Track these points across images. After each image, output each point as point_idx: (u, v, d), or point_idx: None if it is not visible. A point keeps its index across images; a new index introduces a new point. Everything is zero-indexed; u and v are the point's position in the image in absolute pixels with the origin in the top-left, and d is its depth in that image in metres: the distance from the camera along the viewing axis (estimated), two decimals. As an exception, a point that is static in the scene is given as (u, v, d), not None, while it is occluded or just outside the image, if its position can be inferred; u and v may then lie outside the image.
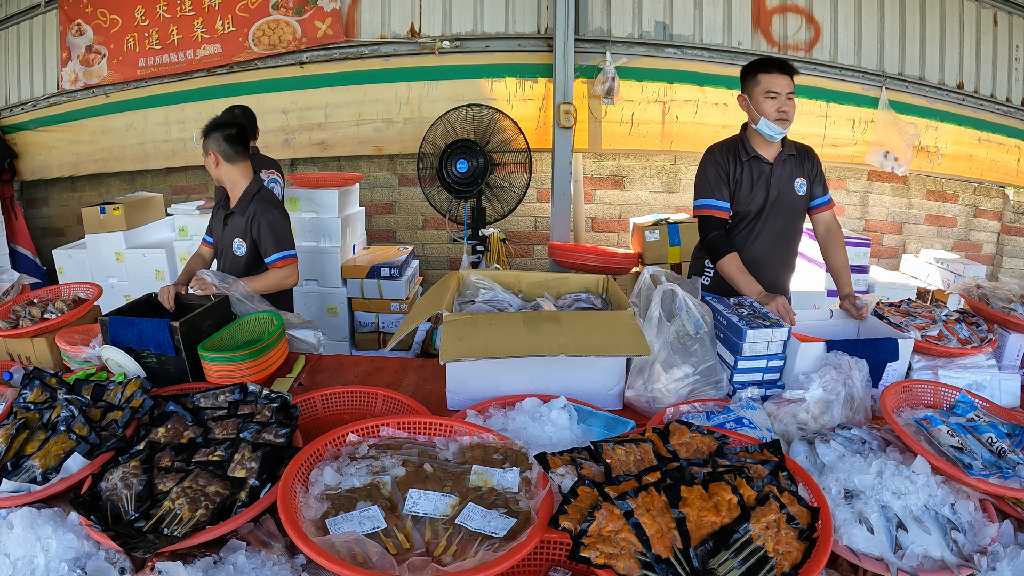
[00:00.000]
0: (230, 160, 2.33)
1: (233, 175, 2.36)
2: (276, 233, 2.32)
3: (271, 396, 1.51)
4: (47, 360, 2.00)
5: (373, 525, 1.06)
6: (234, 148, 2.32)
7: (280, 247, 2.33)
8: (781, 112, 2.11)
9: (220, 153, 2.31)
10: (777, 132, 2.13)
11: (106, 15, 4.52)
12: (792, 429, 1.51)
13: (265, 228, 2.31)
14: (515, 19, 4.22)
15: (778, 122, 2.12)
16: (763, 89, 2.11)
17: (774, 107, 2.10)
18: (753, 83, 2.15)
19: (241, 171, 2.36)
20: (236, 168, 2.35)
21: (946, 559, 1.08)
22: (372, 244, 4.44)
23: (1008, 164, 4.44)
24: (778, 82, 2.10)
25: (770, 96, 2.10)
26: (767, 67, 2.13)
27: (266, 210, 2.32)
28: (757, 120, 2.15)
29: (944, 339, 1.84)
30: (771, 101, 2.11)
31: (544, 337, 1.55)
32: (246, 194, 2.36)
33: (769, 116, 2.11)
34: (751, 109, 2.17)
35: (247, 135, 2.40)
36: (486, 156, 3.56)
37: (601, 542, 1.02)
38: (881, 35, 4.17)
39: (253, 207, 2.34)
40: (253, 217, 2.33)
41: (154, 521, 1.12)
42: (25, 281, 2.53)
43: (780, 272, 2.36)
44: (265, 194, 2.38)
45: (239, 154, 2.34)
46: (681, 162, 4.63)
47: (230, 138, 2.31)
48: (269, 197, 2.38)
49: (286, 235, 2.36)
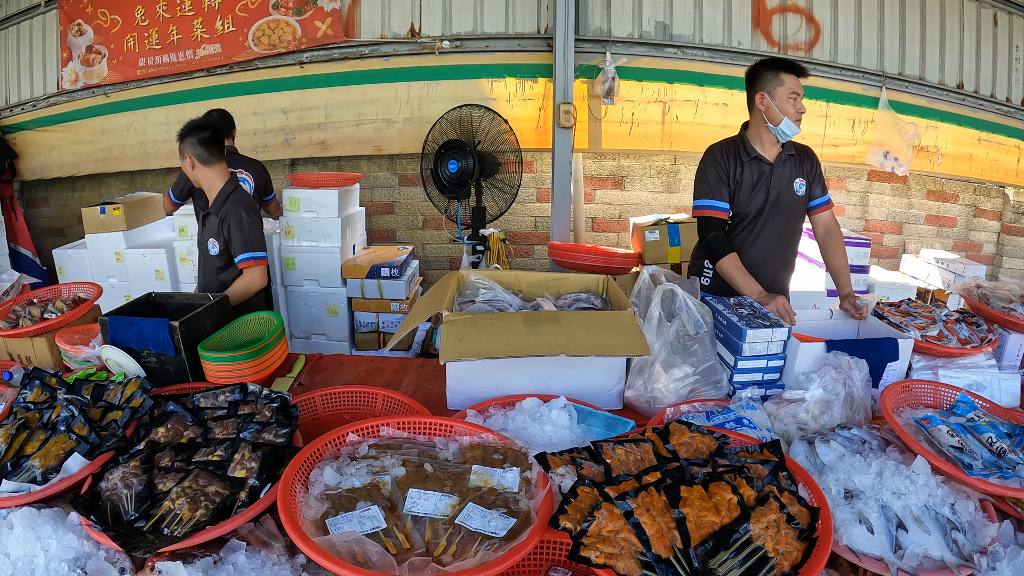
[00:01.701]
0: (205, 163, 2.37)
1: (210, 177, 2.39)
2: (244, 234, 2.34)
3: (271, 396, 1.51)
4: (47, 360, 2.00)
5: (373, 525, 1.06)
6: (209, 151, 2.36)
7: (249, 247, 2.35)
8: (800, 112, 2.15)
9: (195, 156, 2.35)
10: (789, 132, 2.16)
11: (106, 15, 4.52)
12: (792, 429, 1.51)
13: (235, 228, 2.34)
14: (515, 19, 4.22)
15: (797, 123, 2.16)
16: (788, 89, 2.13)
17: (796, 108, 2.14)
18: (776, 82, 2.15)
19: (217, 173, 2.39)
20: (212, 170, 2.38)
21: (946, 559, 1.08)
22: (372, 244, 4.43)
23: (1008, 164, 4.44)
24: (799, 84, 2.15)
25: (793, 96, 2.13)
26: (789, 68, 2.15)
27: (237, 211, 2.35)
28: (779, 120, 2.15)
29: (944, 339, 1.85)
30: (794, 101, 2.14)
31: (544, 337, 1.55)
32: (220, 195, 2.39)
33: (792, 116, 2.14)
34: (772, 108, 2.15)
35: (222, 138, 2.44)
36: (475, 156, 3.56)
37: (601, 542, 1.03)
38: (881, 35, 4.17)
39: (226, 208, 2.37)
40: (225, 218, 2.36)
41: (154, 521, 1.12)
42: (25, 281, 2.53)
43: (780, 272, 2.36)
44: (239, 195, 2.40)
45: (214, 156, 2.37)
46: (681, 162, 4.63)
47: (204, 141, 2.34)
48: (242, 199, 2.40)
49: (256, 237, 2.38)
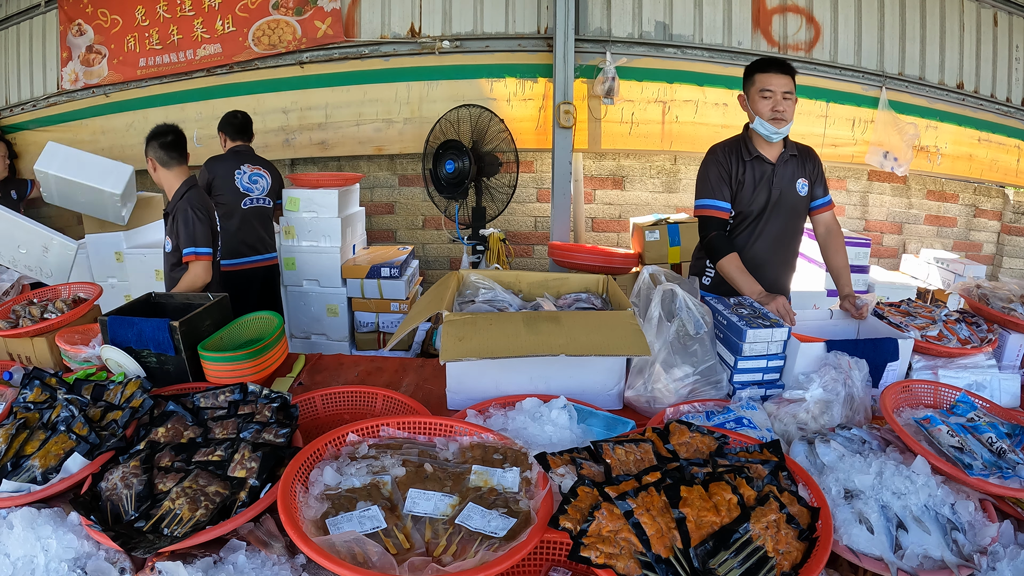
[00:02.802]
0: (165, 165, 2.52)
1: (169, 179, 2.55)
2: (188, 228, 2.46)
3: (271, 396, 1.51)
4: (47, 360, 2.00)
5: (373, 525, 1.06)
6: (169, 154, 2.51)
7: (191, 242, 2.46)
8: (776, 112, 2.11)
9: (156, 159, 2.52)
10: (772, 132, 2.13)
11: (107, 15, 4.52)
12: (792, 429, 1.51)
13: (180, 223, 2.47)
14: (515, 19, 4.22)
15: (773, 121, 2.12)
16: (758, 88, 2.12)
17: (768, 107, 2.11)
18: (750, 83, 2.16)
19: (176, 175, 2.55)
20: (171, 172, 2.54)
21: (946, 559, 1.08)
22: (372, 244, 4.43)
23: (1008, 164, 4.44)
24: (773, 81, 2.10)
25: (764, 95, 2.11)
26: (764, 67, 2.14)
27: (184, 208, 2.48)
28: (753, 119, 2.16)
29: (944, 339, 1.85)
30: (766, 100, 2.11)
31: (544, 337, 1.55)
32: (176, 195, 2.54)
33: (764, 115, 2.12)
34: (748, 109, 2.18)
35: (182, 142, 2.56)
36: (472, 156, 3.57)
37: (601, 542, 1.03)
38: (881, 35, 4.17)
39: (177, 206, 2.51)
40: (174, 215, 2.51)
41: (154, 521, 1.12)
42: (25, 281, 2.53)
43: (781, 272, 2.36)
44: (191, 194, 2.53)
45: (174, 159, 2.53)
46: (681, 162, 4.63)
47: (165, 145, 2.50)
48: (193, 197, 2.52)
49: (200, 232, 2.48)
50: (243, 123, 3.47)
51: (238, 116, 3.46)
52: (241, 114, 3.49)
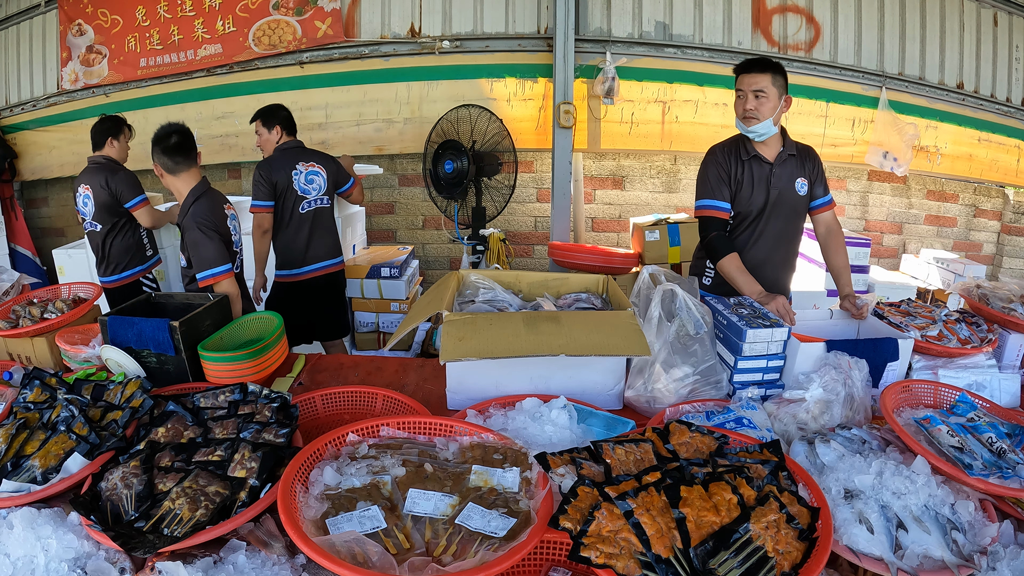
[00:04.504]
0: (171, 172, 2.29)
1: (176, 185, 2.32)
2: (197, 251, 2.27)
3: (271, 396, 1.51)
4: (47, 360, 2.00)
5: (373, 525, 1.06)
6: (173, 159, 2.27)
7: (203, 266, 2.25)
8: (745, 110, 2.15)
9: (161, 166, 2.28)
10: (745, 130, 2.18)
11: (107, 15, 4.53)
12: (792, 429, 1.51)
13: (191, 248, 2.29)
14: (515, 19, 4.22)
15: (744, 120, 2.17)
16: (736, 89, 2.19)
17: (740, 105, 2.17)
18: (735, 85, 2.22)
19: (184, 181, 2.31)
20: (179, 179, 2.30)
21: (946, 559, 1.08)
22: (372, 244, 4.44)
23: (1008, 164, 4.44)
24: (744, 81, 2.15)
25: (738, 95, 2.18)
26: (739, 67, 2.19)
27: (190, 226, 2.27)
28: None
29: (944, 339, 1.85)
30: (739, 100, 2.17)
31: (544, 337, 1.55)
32: (183, 208, 2.33)
33: (737, 114, 2.19)
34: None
35: (188, 143, 2.31)
36: (471, 156, 3.57)
37: (601, 542, 1.03)
38: (881, 35, 4.17)
39: (185, 223, 2.31)
40: (184, 235, 2.32)
41: (154, 521, 1.12)
42: (25, 281, 2.53)
43: (781, 272, 2.36)
44: (196, 209, 2.29)
45: (180, 164, 2.28)
46: (681, 162, 4.63)
47: (168, 150, 2.25)
48: (196, 214, 2.28)
49: (210, 253, 2.25)
50: (291, 116, 3.16)
51: (285, 108, 3.14)
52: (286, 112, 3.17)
